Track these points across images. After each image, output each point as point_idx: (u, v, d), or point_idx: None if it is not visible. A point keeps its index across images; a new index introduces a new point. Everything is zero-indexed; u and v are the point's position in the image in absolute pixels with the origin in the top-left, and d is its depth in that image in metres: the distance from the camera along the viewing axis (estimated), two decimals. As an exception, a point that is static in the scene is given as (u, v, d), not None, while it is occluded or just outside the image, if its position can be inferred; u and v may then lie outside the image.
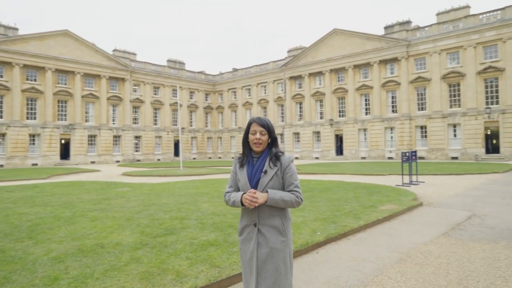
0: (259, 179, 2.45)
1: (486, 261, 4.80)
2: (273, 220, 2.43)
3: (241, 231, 2.55)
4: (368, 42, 39.62)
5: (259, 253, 2.40)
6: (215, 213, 7.58)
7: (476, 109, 32.65)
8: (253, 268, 2.39)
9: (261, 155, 2.53)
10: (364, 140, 40.70)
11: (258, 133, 2.49)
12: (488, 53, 32.44)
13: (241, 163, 2.56)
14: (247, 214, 2.49)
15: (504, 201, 9.87)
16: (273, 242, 2.41)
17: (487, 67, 32.09)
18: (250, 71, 52.08)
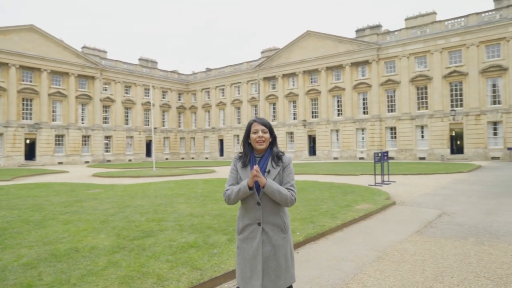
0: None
1: (458, 257, 5.00)
2: (276, 218, 2.52)
3: (242, 230, 2.58)
4: (340, 44, 40.42)
5: (263, 251, 2.46)
6: (193, 215, 7.49)
7: (442, 111, 34.02)
8: (258, 265, 2.45)
9: (264, 155, 2.61)
10: (337, 141, 41.48)
11: (260, 132, 2.57)
12: (453, 58, 33.89)
13: (244, 163, 2.60)
14: (250, 212, 2.53)
15: (470, 199, 10.32)
16: (275, 239, 2.49)
17: (452, 71, 33.52)
18: (224, 71, 51.89)
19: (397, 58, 36.80)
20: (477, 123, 32.33)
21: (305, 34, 42.82)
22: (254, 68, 47.36)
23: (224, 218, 7.10)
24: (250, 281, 2.46)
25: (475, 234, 6.35)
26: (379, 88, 37.97)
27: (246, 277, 2.49)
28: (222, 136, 51.29)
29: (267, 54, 48.16)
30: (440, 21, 34.65)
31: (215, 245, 5.15)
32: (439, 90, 34.18)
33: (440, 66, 34.13)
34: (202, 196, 10.36)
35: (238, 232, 2.63)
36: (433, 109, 34.63)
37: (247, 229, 2.54)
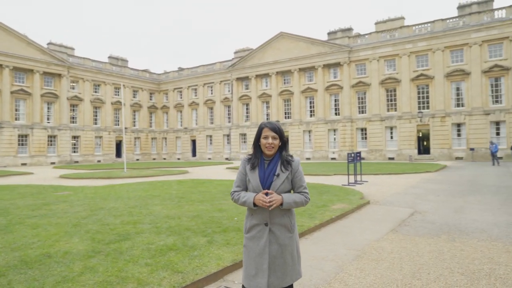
0: (272, 182, 2.56)
1: (433, 254, 5.17)
2: (283, 219, 2.58)
3: (249, 229, 2.62)
4: (313, 46, 41.00)
5: (270, 250, 2.53)
6: (169, 216, 7.33)
7: (410, 113, 35.21)
8: (264, 264, 2.51)
9: (273, 159, 2.64)
10: (309, 141, 42.03)
11: (270, 138, 2.59)
12: (420, 61, 35.16)
13: (253, 165, 2.63)
14: (258, 213, 2.57)
15: (439, 198, 10.73)
16: (282, 239, 2.57)
17: (419, 74, 34.78)
18: (196, 71, 51.39)
19: (367, 61, 37.75)
20: (442, 124, 33.70)
21: (278, 35, 43.13)
22: (227, 68, 47.20)
23: (202, 219, 7.00)
24: (254, 279, 2.51)
25: (447, 231, 6.59)
26: (351, 89, 38.82)
27: (250, 275, 2.54)
28: (195, 136, 50.77)
29: (240, 54, 48.14)
30: (408, 26, 35.87)
31: (195, 248, 5.06)
32: (407, 93, 35.37)
33: (408, 70, 35.32)
34: (177, 198, 10.18)
35: (245, 231, 2.67)
36: (401, 111, 35.78)
37: (254, 228, 2.59)
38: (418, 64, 35.20)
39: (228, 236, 5.69)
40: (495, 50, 31.88)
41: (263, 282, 2.48)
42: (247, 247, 2.62)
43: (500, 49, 31.66)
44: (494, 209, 8.78)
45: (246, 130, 45.93)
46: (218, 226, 6.38)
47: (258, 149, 2.66)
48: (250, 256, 2.57)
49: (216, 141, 48.73)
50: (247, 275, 2.56)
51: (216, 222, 6.74)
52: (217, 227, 6.31)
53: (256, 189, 2.55)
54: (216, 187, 12.76)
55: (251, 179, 2.59)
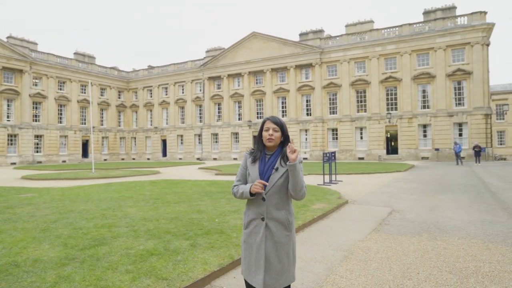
0: (270, 176, 2.55)
1: (418, 253, 5.18)
2: (280, 214, 2.55)
3: (247, 225, 2.64)
4: (285, 47, 41.20)
5: (266, 246, 2.51)
6: (146, 219, 6.99)
7: (379, 114, 36.12)
8: (260, 260, 2.49)
9: (274, 153, 2.64)
10: (281, 142, 42.07)
11: (271, 130, 2.60)
12: (389, 64, 36.16)
13: (254, 158, 2.64)
14: (255, 207, 2.58)
15: (412, 197, 10.95)
16: (278, 236, 2.53)
17: (388, 77, 35.76)
18: (167, 69, 50.37)
19: (338, 63, 38.39)
20: (409, 125, 34.81)
21: (250, 35, 43.03)
22: (199, 68, 46.58)
23: (181, 221, 6.72)
24: (255, 275, 2.52)
25: (427, 230, 6.67)
26: (322, 90, 39.32)
27: (252, 271, 2.55)
28: (165, 136, 49.74)
29: (212, 53, 47.63)
30: (378, 29, 36.79)
31: (177, 252, 4.80)
32: (377, 94, 36.27)
33: (378, 72, 36.23)
34: (152, 199, 9.79)
35: (244, 227, 2.68)
36: (371, 112, 36.64)
37: (252, 223, 2.59)
38: (387, 67, 36.18)
39: (212, 239, 5.45)
40: (458, 55, 33.30)
41: (260, 278, 2.47)
42: (246, 242, 2.61)
43: (462, 54, 33.09)
44: (466, 207, 9.03)
45: (218, 130, 45.51)
46: (199, 228, 6.13)
47: (261, 143, 2.67)
48: (251, 253, 2.57)
49: (187, 141, 47.97)
50: (250, 271, 2.56)
51: (196, 224, 6.48)
52: (198, 229, 6.06)
53: (255, 181, 2.54)
54: (191, 188, 12.42)
55: (250, 171, 2.61)
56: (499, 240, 5.87)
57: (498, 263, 4.73)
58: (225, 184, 13.70)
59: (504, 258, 4.95)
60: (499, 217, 7.80)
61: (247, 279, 2.57)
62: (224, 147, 45.10)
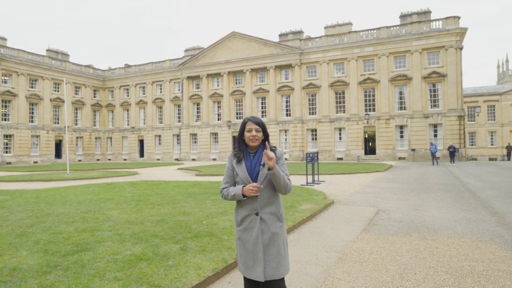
0: (259, 172, 2.65)
1: (412, 254, 5.15)
2: (272, 207, 2.66)
3: (241, 221, 2.69)
4: (265, 47, 41.19)
5: (263, 239, 2.59)
6: (130, 222, 6.69)
7: (358, 115, 36.64)
8: (259, 253, 2.57)
9: (258, 150, 2.73)
10: (261, 142, 42.02)
11: (254, 131, 2.69)
12: (367, 66, 36.75)
13: (238, 158, 2.71)
14: (248, 204, 2.65)
15: (396, 196, 11.06)
16: (273, 227, 2.63)
17: (366, 78, 36.33)
18: (145, 68, 49.40)
19: (318, 64, 38.70)
20: (387, 126, 35.47)
21: (230, 35, 42.79)
22: (178, 67, 45.92)
23: (168, 224, 6.46)
24: (253, 269, 2.57)
25: (415, 229, 6.69)
26: (302, 91, 39.53)
27: (249, 266, 2.60)
28: (143, 136, 48.76)
29: (191, 53, 47.04)
30: (356, 31, 37.31)
31: (168, 256, 4.57)
32: (355, 95, 36.78)
33: (356, 73, 36.75)
34: (133, 201, 9.45)
35: (237, 224, 2.73)
36: (350, 113, 37.12)
37: (246, 219, 2.66)
38: (365, 68, 36.75)
39: (202, 242, 5.25)
40: (433, 58, 34.22)
41: (260, 271, 2.54)
42: (241, 239, 2.67)
43: (437, 57, 34.03)
44: (449, 206, 9.18)
45: (197, 130, 44.99)
46: (187, 231, 5.90)
47: (242, 143, 2.75)
48: (246, 248, 2.62)
49: (166, 141, 47.19)
50: (247, 266, 2.61)
51: (184, 226, 6.25)
52: (187, 232, 5.83)
53: (245, 180, 2.63)
54: (173, 189, 12.11)
55: (238, 172, 2.68)
56: (487, 239, 5.93)
57: (491, 262, 4.76)
58: (208, 185, 13.45)
59: (495, 256, 4.99)
60: (482, 215, 7.94)
61: (245, 274, 2.62)
62: (203, 147, 44.63)
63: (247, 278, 2.65)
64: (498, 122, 52.24)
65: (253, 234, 2.60)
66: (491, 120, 52.79)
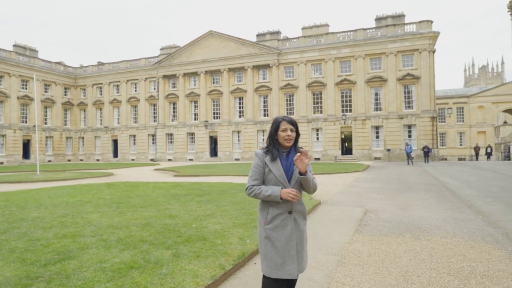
0: (293, 171, 2.68)
1: (410, 255, 5.07)
2: (301, 206, 2.77)
3: (272, 220, 2.68)
4: (243, 47, 40.96)
5: (295, 237, 2.66)
6: (114, 226, 6.30)
7: (335, 115, 37.05)
8: (291, 251, 2.62)
9: (290, 150, 2.76)
10: (238, 142, 41.88)
11: (288, 130, 2.72)
12: (343, 67, 37.23)
13: (273, 156, 2.69)
14: (282, 203, 2.65)
15: (380, 196, 11.10)
16: (302, 225, 2.75)
17: (343, 79, 36.79)
18: (119, 66, 48.06)
19: (295, 64, 38.86)
20: (363, 127, 36.05)
21: (207, 34, 42.29)
22: (153, 65, 44.95)
23: (155, 228, 6.12)
24: (282, 267, 2.59)
25: (407, 229, 6.66)
26: (279, 91, 39.58)
27: (277, 264, 2.60)
28: (117, 136, 47.43)
29: (167, 51, 46.17)
30: (334, 33, 37.73)
31: (161, 263, 4.26)
32: (332, 96, 37.17)
33: (333, 74, 37.16)
34: (114, 203, 8.99)
35: (266, 223, 2.70)
36: (327, 113, 37.49)
37: (278, 218, 2.66)
38: (342, 70, 37.22)
39: (195, 247, 4.96)
40: (408, 60, 35.08)
41: (293, 268, 2.59)
42: (270, 238, 2.65)
43: (411, 60, 34.91)
44: (434, 205, 9.27)
45: (173, 130, 44.20)
46: (177, 235, 5.59)
47: (275, 142, 2.75)
48: (276, 247, 2.62)
49: (140, 141, 46.09)
50: (274, 265, 2.61)
51: (173, 230, 5.93)
52: (176, 236, 5.52)
53: (280, 179, 2.64)
54: (154, 191, 11.67)
55: (273, 170, 2.67)
56: (478, 238, 5.96)
57: (489, 262, 4.74)
58: (189, 186, 13.08)
59: (491, 256, 4.98)
60: (467, 214, 8.04)
61: (272, 274, 2.60)
62: (180, 147, 43.89)
63: (273, 278, 2.62)
64: (467, 124, 54.27)
65: (286, 232, 2.63)
66: (460, 121, 54.77)
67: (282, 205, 2.64)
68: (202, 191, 11.44)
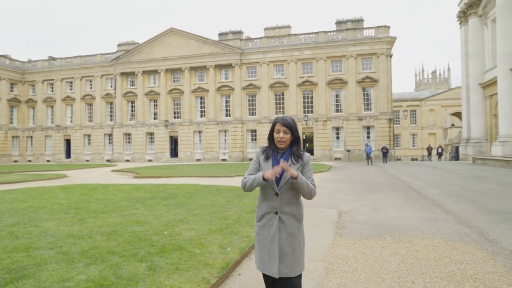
0: (283, 173, 2.62)
1: (397, 259, 4.91)
2: (291, 208, 2.69)
3: (261, 218, 2.74)
4: (205, 46, 40.23)
5: (280, 238, 2.63)
6: (75, 236, 5.62)
7: (296, 116, 37.33)
8: (274, 251, 2.62)
9: (285, 152, 2.75)
10: (199, 143, 41.08)
11: (281, 132, 2.69)
12: (305, 68, 37.66)
13: (267, 155, 2.73)
14: (269, 202, 2.68)
15: (350, 197, 11.10)
16: (291, 228, 2.67)
17: (305, 80, 37.21)
18: (72, 61, 45.48)
19: (258, 64, 38.76)
20: (324, 128, 36.66)
21: (168, 31, 41.10)
22: (110, 62, 42.94)
23: (123, 237, 5.53)
24: (268, 265, 2.63)
25: (386, 231, 6.56)
26: (242, 91, 39.28)
27: (265, 261, 2.66)
28: (70, 135, 44.80)
29: (125, 47, 44.35)
30: (296, 35, 38.06)
31: (135, 279, 3.75)
32: (294, 97, 37.47)
33: (295, 75, 37.46)
34: (71, 209, 8.19)
35: (257, 220, 2.77)
36: (289, 114, 37.66)
37: (265, 217, 2.70)
38: (304, 71, 37.63)
39: (172, 258, 4.47)
40: (367, 64, 36.15)
41: (275, 268, 2.59)
42: (259, 235, 2.72)
43: (370, 63, 36.01)
44: (404, 205, 9.35)
45: (131, 129, 42.49)
46: (150, 244, 5.06)
47: (272, 142, 2.76)
48: (263, 244, 2.68)
49: (96, 141, 43.86)
50: (262, 261, 2.67)
51: (143, 239, 5.38)
52: (149, 246, 4.99)
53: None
54: (115, 194, 10.87)
55: (264, 168, 2.71)
56: (457, 239, 5.96)
57: (475, 263, 4.68)
58: (153, 188, 12.37)
59: (475, 257, 4.95)
60: (438, 214, 8.14)
61: (261, 269, 2.68)
62: (138, 148, 42.28)
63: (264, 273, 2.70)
64: (419, 126, 57.09)
65: (271, 232, 2.64)
66: (413, 123, 57.52)
67: (269, 204, 2.67)
68: (168, 194, 10.82)
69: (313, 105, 37.31)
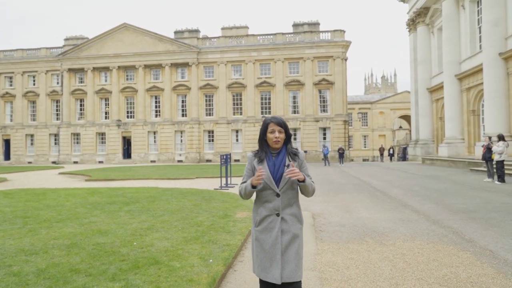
0: (282, 173, 2.56)
1: (387, 264, 4.73)
2: (292, 208, 2.63)
3: (260, 222, 2.61)
4: (160, 43, 38.88)
5: (282, 240, 2.52)
6: (26, 251, 4.83)
7: (254, 117, 37.23)
8: (277, 255, 2.50)
9: (280, 151, 2.67)
10: (154, 143, 39.66)
11: (276, 132, 2.63)
12: (263, 69, 37.67)
13: (260, 158, 2.65)
14: (269, 203, 2.58)
15: (318, 198, 10.94)
16: (294, 228, 2.59)
17: (263, 81, 37.20)
18: (12, 55, 41.93)
19: (215, 64, 38.14)
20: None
21: (121, 26, 39.22)
22: (57, 57, 40.13)
23: (86, 250, 4.84)
24: (270, 271, 2.51)
25: (365, 234, 6.42)
26: (199, 91, 38.45)
27: (266, 267, 2.53)
28: (9, 135, 41.23)
29: (73, 42, 41.65)
30: (254, 35, 37.94)
31: (110, 304, 3.17)
32: (252, 98, 37.32)
33: (253, 76, 37.33)
34: (18, 218, 7.22)
35: (255, 224, 2.66)
36: (247, 115, 37.49)
37: (266, 220, 2.59)
38: (262, 72, 37.61)
39: (149, 274, 3.91)
40: (323, 66, 36.90)
41: (277, 273, 2.48)
42: (259, 240, 2.60)
43: (326, 66, 36.80)
44: (373, 206, 9.37)
45: (80, 129, 39.99)
46: (120, 259, 4.44)
47: (264, 143, 2.69)
48: (264, 249, 2.56)
49: (40, 141, 40.75)
50: (263, 268, 2.54)
51: (111, 252, 4.74)
52: (119, 261, 4.37)
53: (267, 180, 2.55)
54: (68, 199, 9.87)
55: None
56: (436, 240, 5.94)
57: (465, 266, 4.61)
58: (110, 192, 11.44)
59: (462, 259, 4.89)
60: (409, 215, 8.20)
61: (261, 276, 2.56)
62: (88, 149, 39.88)
63: (263, 280, 2.56)
64: (370, 128, 59.49)
65: (273, 235, 2.54)
66: (364, 125, 59.83)
67: (269, 206, 2.58)
68: (128, 198, 10.02)
69: (271, 106, 37.41)
